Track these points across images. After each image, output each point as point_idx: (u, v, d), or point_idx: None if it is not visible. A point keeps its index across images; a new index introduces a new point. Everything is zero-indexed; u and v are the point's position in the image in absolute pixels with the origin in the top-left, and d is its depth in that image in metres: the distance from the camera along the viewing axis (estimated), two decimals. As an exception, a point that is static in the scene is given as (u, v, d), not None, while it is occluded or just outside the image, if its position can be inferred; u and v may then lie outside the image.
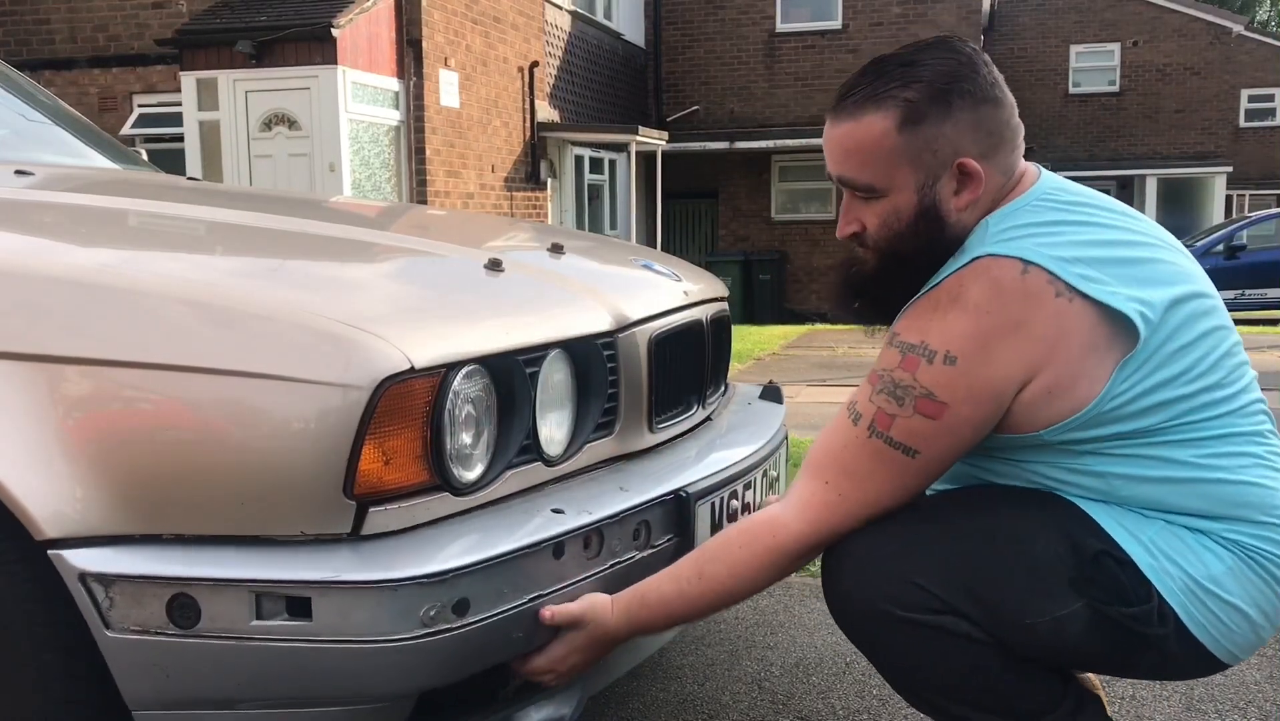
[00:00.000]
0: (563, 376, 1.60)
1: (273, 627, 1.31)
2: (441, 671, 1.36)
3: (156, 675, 1.33)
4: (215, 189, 2.83)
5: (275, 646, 1.31)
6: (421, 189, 10.32)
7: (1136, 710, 2.23)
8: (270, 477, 1.30)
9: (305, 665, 1.32)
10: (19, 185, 1.94)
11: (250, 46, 9.34)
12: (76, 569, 1.30)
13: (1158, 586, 1.41)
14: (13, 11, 10.51)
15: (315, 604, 1.30)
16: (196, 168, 9.56)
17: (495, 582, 1.37)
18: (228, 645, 1.31)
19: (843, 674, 2.42)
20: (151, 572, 1.31)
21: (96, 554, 1.31)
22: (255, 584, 1.30)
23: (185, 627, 1.31)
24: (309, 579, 1.30)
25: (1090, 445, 1.44)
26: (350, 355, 1.29)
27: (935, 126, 1.44)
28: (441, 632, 1.32)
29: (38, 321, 1.35)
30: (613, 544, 1.55)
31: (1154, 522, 1.44)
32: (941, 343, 1.40)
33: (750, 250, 15.97)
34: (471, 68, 11.16)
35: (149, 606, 1.31)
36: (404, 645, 1.30)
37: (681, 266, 2.19)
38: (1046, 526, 1.45)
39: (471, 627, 1.35)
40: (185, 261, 1.63)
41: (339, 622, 1.30)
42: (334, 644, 1.30)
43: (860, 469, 1.47)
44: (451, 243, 1.96)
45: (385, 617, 1.30)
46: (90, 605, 1.31)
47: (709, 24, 16.33)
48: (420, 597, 1.30)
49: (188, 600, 1.30)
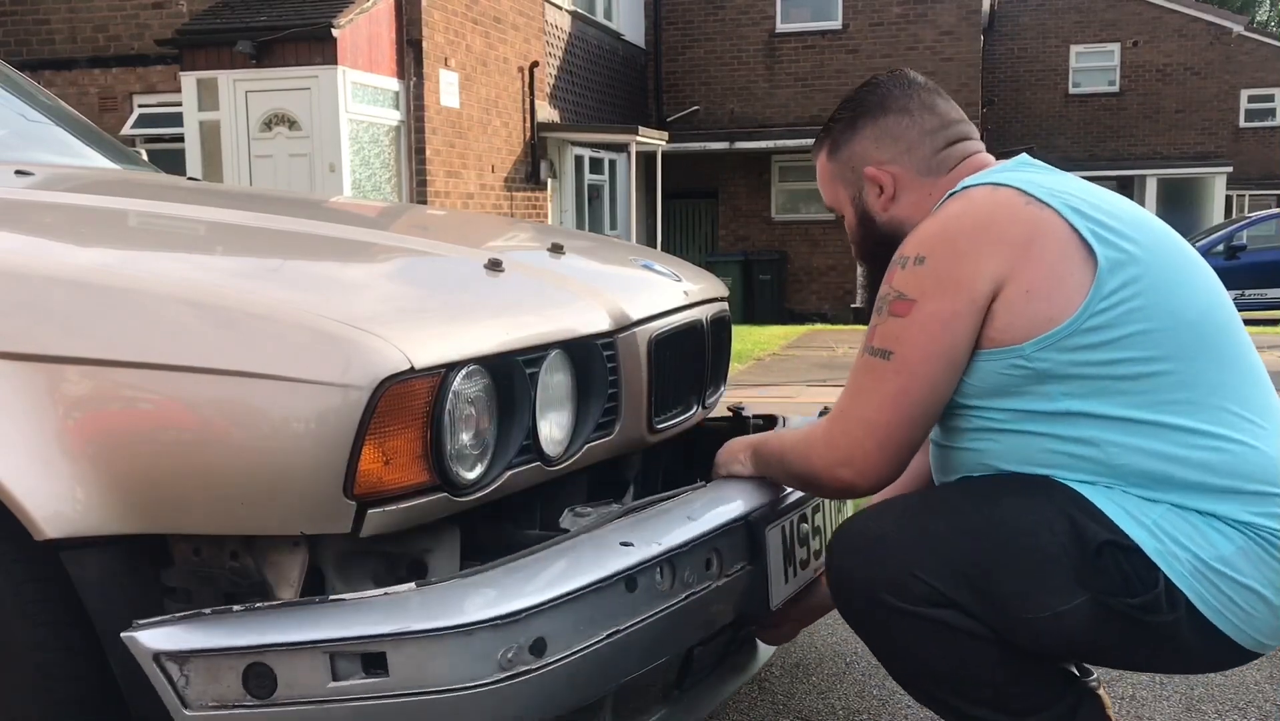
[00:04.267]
0: (563, 376, 1.60)
1: (350, 687, 1.28)
2: (528, 716, 1.33)
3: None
4: (215, 189, 2.83)
5: (354, 706, 1.28)
6: (421, 189, 10.32)
7: (1136, 710, 2.23)
8: (270, 478, 1.30)
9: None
10: (19, 185, 1.94)
11: (250, 46, 9.34)
12: (151, 650, 1.28)
13: (1166, 571, 1.41)
14: (13, 11, 10.51)
15: (390, 658, 1.27)
16: (196, 168, 9.56)
17: (570, 620, 1.34)
18: (306, 710, 1.29)
19: (843, 674, 2.42)
20: (224, 645, 1.28)
21: (168, 632, 1.29)
22: (328, 644, 1.27)
23: (263, 697, 1.28)
24: (381, 632, 1.27)
25: (1078, 388, 1.44)
26: (350, 355, 1.29)
27: (848, 147, 1.71)
28: (522, 675, 1.29)
29: (38, 321, 1.35)
30: (685, 574, 1.52)
31: (1158, 506, 1.43)
32: (914, 249, 1.52)
33: (750, 250, 15.97)
34: (471, 68, 11.16)
35: (225, 680, 1.29)
36: (484, 691, 1.27)
37: (681, 266, 2.19)
38: (1050, 517, 1.44)
39: (552, 668, 1.32)
40: (185, 261, 1.63)
41: (416, 674, 1.27)
42: (413, 696, 1.27)
43: (854, 385, 1.56)
44: (451, 242, 1.96)
45: (462, 664, 1.27)
46: (167, 685, 1.29)
47: (709, 24, 16.32)
48: (496, 640, 1.28)
49: (263, 669, 1.28)
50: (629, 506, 1.61)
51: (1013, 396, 1.49)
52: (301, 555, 1.37)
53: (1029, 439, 1.49)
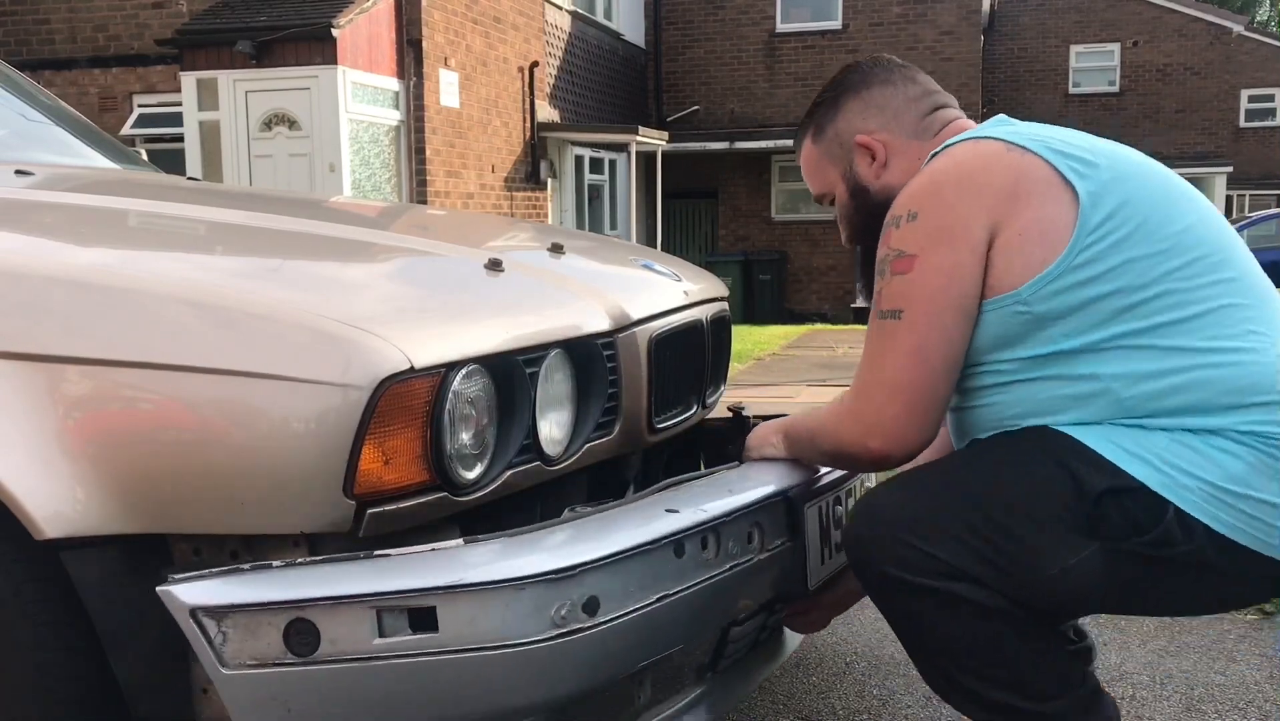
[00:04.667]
0: (563, 376, 1.60)
1: (397, 645, 1.24)
2: (578, 678, 1.31)
3: (277, 711, 1.26)
4: (215, 189, 2.83)
5: (402, 664, 1.24)
6: (421, 189, 10.32)
7: (1136, 710, 2.23)
8: (270, 477, 1.30)
9: (436, 682, 1.25)
10: (19, 185, 1.94)
11: (250, 46, 9.34)
12: (187, 604, 1.24)
13: (1175, 501, 1.40)
14: (13, 11, 10.51)
15: (440, 613, 1.23)
16: (196, 168, 9.56)
17: (621, 580, 1.33)
18: (351, 669, 1.24)
19: (843, 674, 2.42)
20: (265, 599, 1.24)
21: (206, 586, 1.25)
22: (376, 598, 1.23)
23: (304, 655, 1.24)
24: (432, 585, 1.23)
25: (1076, 325, 1.45)
26: (350, 355, 1.29)
27: (834, 125, 1.74)
28: (575, 633, 1.27)
29: (38, 321, 1.35)
30: (729, 545, 1.52)
31: (1156, 436, 1.43)
32: (904, 207, 1.54)
33: (750, 250, 15.97)
34: (471, 68, 11.16)
35: (265, 636, 1.24)
36: (536, 649, 1.25)
37: (681, 266, 2.19)
38: (1048, 474, 1.44)
39: (605, 628, 1.30)
40: (185, 261, 1.63)
41: (466, 630, 1.23)
42: (464, 654, 1.24)
43: (870, 352, 1.55)
44: (451, 242, 1.96)
45: (515, 620, 1.24)
46: (203, 642, 1.24)
47: (709, 24, 16.32)
48: (549, 596, 1.25)
49: (305, 625, 1.24)
50: (668, 481, 1.61)
51: (1017, 345, 1.49)
52: (301, 555, 1.37)
53: (1036, 386, 1.49)
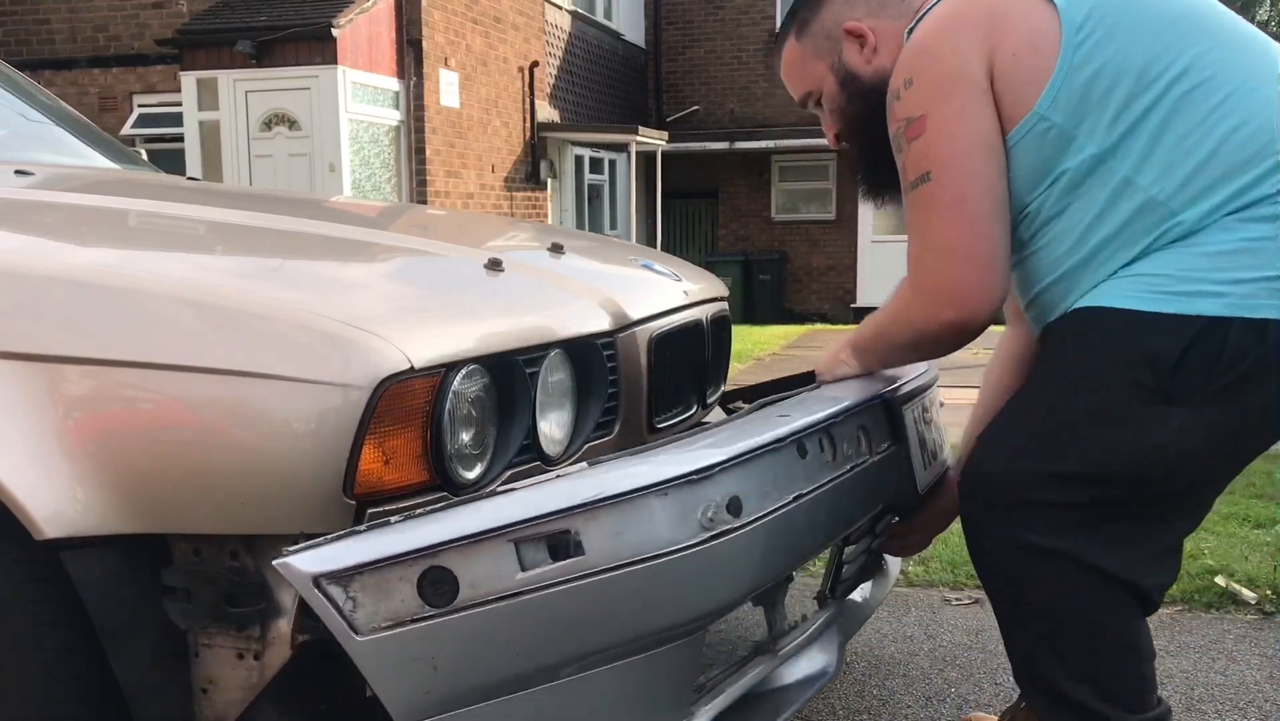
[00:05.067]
0: (563, 376, 1.60)
1: (543, 575, 1.16)
2: (731, 586, 1.27)
3: (423, 670, 1.18)
4: (215, 189, 2.83)
5: (550, 595, 1.17)
6: (421, 189, 10.31)
7: (1136, 710, 2.23)
8: (270, 477, 1.30)
9: (587, 608, 1.19)
10: (19, 185, 1.94)
11: (250, 46, 9.33)
12: (308, 574, 1.16)
13: (1249, 315, 1.38)
14: (13, 11, 10.50)
15: (584, 533, 1.17)
16: (196, 168, 9.55)
17: (757, 479, 1.30)
18: (496, 610, 1.16)
19: (843, 674, 2.42)
20: (393, 552, 1.15)
21: (325, 553, 1.17)
22: (513, 529, 1.16)
23: (443, 605, 1.16)
24: (570, 505, 1.16)
25: (1092, 125, 1.44)
26: (350, 355, 1.29)
27: (818, 19, 1.73)
28: (725, 535, 1.23)
29: (38, 321, 1.35)
30: (843, 446, 1.52)
31: (1199, 255, 1.41)
32: (899, 78, 1.55)
33: (750, 250, 15.96)
34: (471, 68, 11.16)
35: (398, 592, 1.16)
36: (690, 555, 1.20)
37: (681, 266, 2.19)
38: (1116, 365, 1.43)
39: (752, 529, 1.27)
40: (185, 261, 1.63)
41: (614, 547, 1.17)
42: (614, 572, 1.17)
43: (913, 226, 1.54)
44: (451, 242, 1.96)
45: (663, 527, 1.19)
46: (332, 611, 1.16)
47: (709, 24, 16.31)
48: (693, 498, 1.21)
49: (440, 572, 1.16)
50: (760, 402, 1.59)
51: (1053, 168, 1.48)
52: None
53: (1076, 213, 1.48)
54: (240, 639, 1.37)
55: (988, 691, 2.33)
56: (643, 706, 1.30)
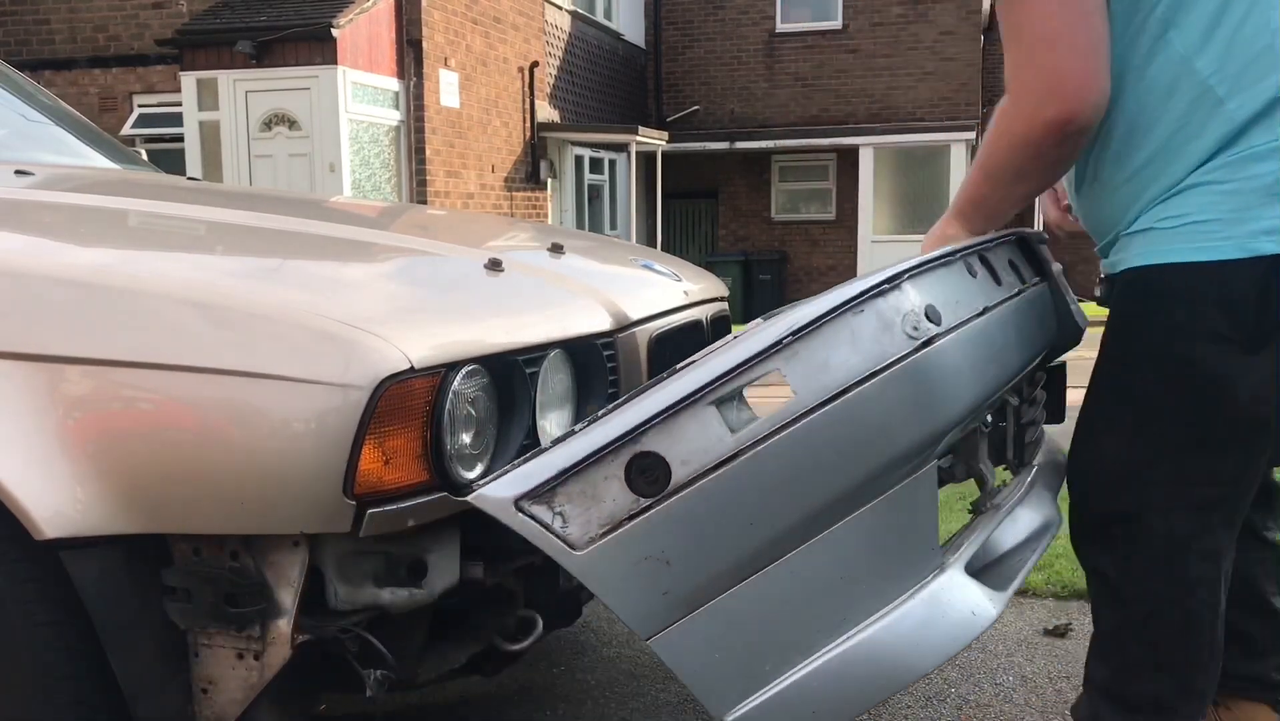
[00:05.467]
0: (563, 376, 1.60)
1: (756, 430, 1.10)
2: (950, 399, 1.20)
3: (655, 568, 1.10)
4: (215, 189, 2.83)
5: (771, 449, 1.10)
6: (421, 189, 10.31)
7: (1136, 710, 2.23)
8: (270, 477, 1.30)
9: (815, 453, 1.12)
10: (19, 185, 1.94)
11: (250, 46, 9.34)
12: (507, 499, 1.10)
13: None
14: (13, 11, 10.50)
15: (789, 373, 1.11)
16: (196, 168, 9.56)
17: (941, 290, 1.24)
18: (718, 482, 1.09)
19: (843, 674, 2.42)
20: (592, 450, 1.09)
21: (517, 476, 1.11)
22: (709, 390, 1.09)
23: (657, 492, 1.09)
24: (762, 348, 1.10)
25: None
26: (350, 355, 1.29)
27: None
28: (933, 342, 1.17)
29: (38, 321, 1.35)
30: (999, 271, 1.48)
31: (1248, 187, 1.37)
32: None
33: (750, 250, 15.96)
34: (471, 68, 11.16)
35: (608, 492, 1.10)
36: (906, 367, 1.13)
37: (682, 266, 2.19)
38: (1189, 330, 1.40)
39: (958, 333, 1.21)
40: (185, 261, 1.63)
41: (821, 378, 1.11)
42: (828, 405, 1.11)
43: (1009, 34, 1.45)
44: (451, 242, 1.96)
45: (869, 344, 1.14)
46: (542, 532, 1.09)
47: (709, 24, 16.31)
48: (890, 310, 1.15)
49: (647, 459, 1.09)
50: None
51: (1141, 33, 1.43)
52: (301, 555, 1.37)
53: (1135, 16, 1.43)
54: (240, 639, 1.37)
55: (988, 691, 2.33)
56: (896, 555, 1.23)
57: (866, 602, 1.21)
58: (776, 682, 1.19)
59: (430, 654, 1.54)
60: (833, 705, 1.21)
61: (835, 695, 1.20)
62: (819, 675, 1.20)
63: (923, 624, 1.22)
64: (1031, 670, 2.43)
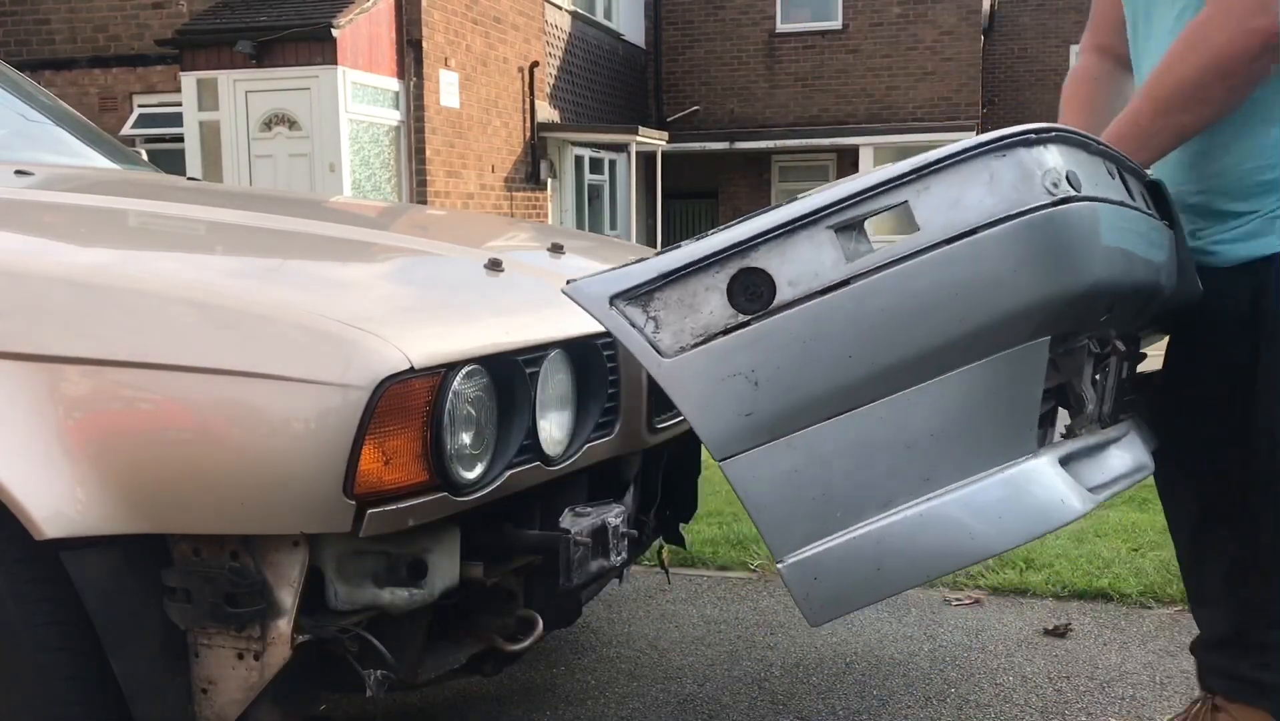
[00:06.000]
0: (563, 376, 1.60)
1: (874, 260, 1.03)
2: (1087, 263, 1.12)
3: (741, 387, 1.05)
4: (215, 189, 2.83)
5: (885, 280, 1.03)
6: (421, 189, 10.32)
7: (1137, 710, 2.23)
8: (270, 478, 1.30)
9: (930, 294, 1.05)
10: (19, 185, 1.94)
11: (250, 46, 9.34)
12: (604, 294, 1.05)
13: None
14: (13, 11, 10.51)
15: (916, 206, 1.04)
16: (196, 168, 9.56)
17: (1078, 163, 1.17)
18: (823, 306, 1.04)
19: (843, 674, 2.42)
20: (699, 257, 1.03)
21: (618, 274, 1.04)
22: (831, 212, 1.03)
23: (759, 310, 1.04)
24: (893, 176, 1.04)
25: None
26: (350, 355, 1.29)
27: None
28: (1072, 200, 1.10)
29: (38, 321, 1.35)
30: (1134, 193, 1.37)
31: None
32: None
33: (750, 250, 15.96)
34: (471, 68, 11.16)
35: (707, 302, 1.05)
36: (1040, 219, 1.07)
37: (681, 266, 2.18)
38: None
39: (1096, 204, 1.14)
40: (185, 261, 1.63)
41: (954, 217, 1.04)
42: (957, 243, 1.04)
43: None
44: (451, 242, 1.96)
45: (1007, 188, 1.06)
46: (633, 332, 1.05)
47: (709, 24, 16.32)
48: (1032, 160, 1.09)
49: (754, 274, 1.04)
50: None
51: None
52: (301, 555, 1.37)
53: None
54: (240, 639, 1.37)
55: (988, 691, 2.33)
56: (993, 424, 1.15)
57: (954, 466, 1.14)
58: (845, 532, 1.12)
59: (430, 654, 1.54)
60: (900, 567, 1.13)
61: (905, 557, 1.13)
62: (892, 532, 1.12)
63: (1007, 500, 1.15)
64: (1031, 670, 2.43)
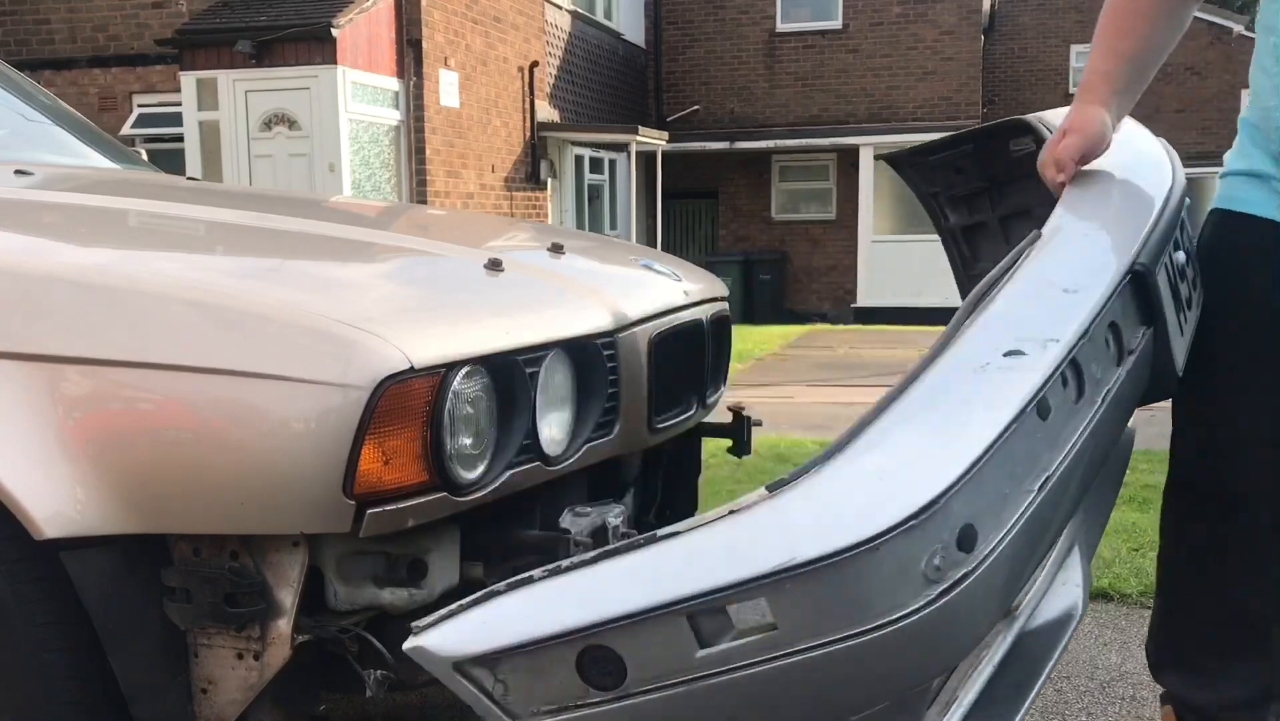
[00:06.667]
0: (563, 376, 1.60)
1: (728, 653, 0.97)
2: (973, 632, 1.04)
3: None
4: (215, 189, 2.83)
5: (737, 679, 0.98)
6: (421, 189, 10.31)
7: (1136, 710, 2.23)
8: (270, 478, 1.30)
9: (788, 690, 1.00)
10: (19, 185, 1.94)
11: (250, 46, 9.33)
12: (448, 658, 1.01)
13: None
14: (13, 11, 10.50)
15: (772, 606, 0.96)
16: (196, 168, 9.55)
17: (993, 484, 1.01)
18: (673, 696, 0.99)
19: (843, 674, 2.41)
20: (543, 634, 0.99)
21: (462, 632, 1.01)
22: (684, 605, 0.96)
23: (610, 687, 1.00)
24: (753, 575, 0.94)
25: None
26: (350, 355, 1.29)
27: None
28: (958, 584, 0.97)
29: (38, 321, 1.35)
30: (1091, 370, 1.18)
31: None
32: None
33: (750, 250, 15.96)
34: (471, 68, 11.16)
35: (556, 675, 1.01)
36: (913, 623, 0.96)
37: (682, 266, 2.19)
38: None
39: (989, 561, 0.99)
40: (185, 261, 1.63)
41: (814, 622, 0.96)
42: (815, 651, 0.97)
43: None
44: (451, 242, 1.96)
45: (880, 592, 0.95)
46: (481, 698, 1.02)
47: (709, 24, 16.31)
48: (914, 547, 0.95)
49: (603, 652, 1.00)
50: (973, 301, 1.22)
51: None
52: (301, 555, 1.37)
53: None
54: (240, 639, 1.37)
55: (988, 691, 2.33)
56: None
57: None
58: None
59: (430, 654, 1.54)
60: None
61: None
62: None
63: None
64: (1031, 670, 2.43)
